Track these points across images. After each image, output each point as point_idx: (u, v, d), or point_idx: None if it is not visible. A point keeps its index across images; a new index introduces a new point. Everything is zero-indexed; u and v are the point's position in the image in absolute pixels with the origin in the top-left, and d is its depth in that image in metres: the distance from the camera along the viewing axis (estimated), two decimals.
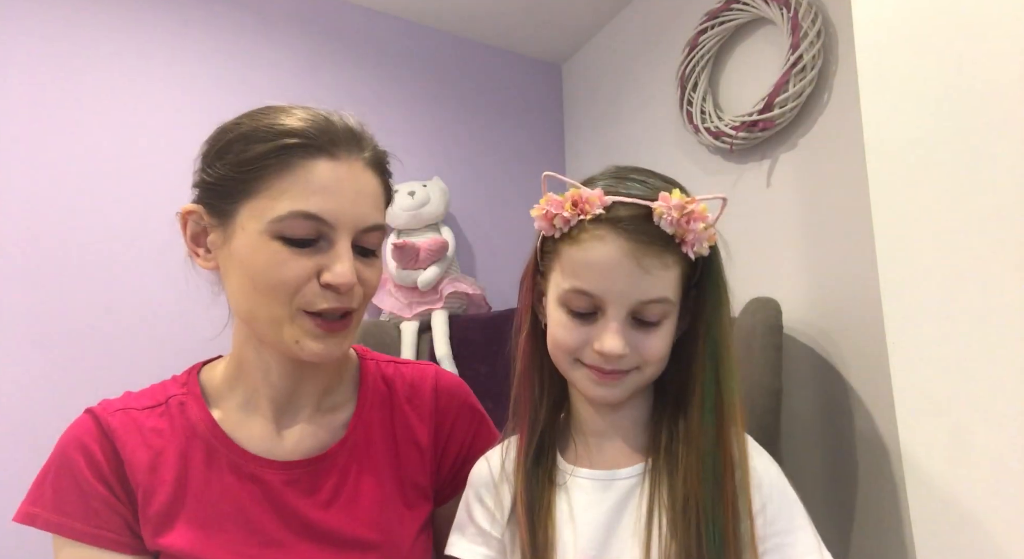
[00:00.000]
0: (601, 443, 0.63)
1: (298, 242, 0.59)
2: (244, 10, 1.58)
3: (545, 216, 0.61)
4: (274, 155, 0.59)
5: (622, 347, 0.56)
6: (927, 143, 0.68)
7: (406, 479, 0.70)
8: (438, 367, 0.79)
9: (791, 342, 1.21)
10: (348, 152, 0.62)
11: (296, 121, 0.61)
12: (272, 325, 0.60)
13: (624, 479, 0.60)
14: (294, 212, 0.58)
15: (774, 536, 0.55)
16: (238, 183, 0.60)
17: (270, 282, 0.59)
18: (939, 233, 0.66)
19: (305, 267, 0.59)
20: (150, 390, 0.68)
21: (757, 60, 1.35)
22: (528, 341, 0.66)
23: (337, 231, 0.60)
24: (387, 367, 0.76)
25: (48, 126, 1.32)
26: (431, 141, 1.80)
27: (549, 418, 0.66)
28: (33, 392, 1.22)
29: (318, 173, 0.60)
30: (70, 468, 0.60)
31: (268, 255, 0.59)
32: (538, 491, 0.61)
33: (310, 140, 0.60)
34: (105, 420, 0.63)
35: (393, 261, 1.52)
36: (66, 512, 0.59)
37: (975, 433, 0.62)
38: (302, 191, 0.59)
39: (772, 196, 1.31)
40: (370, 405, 0.71)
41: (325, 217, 0.59)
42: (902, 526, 1.01)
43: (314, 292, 0.60)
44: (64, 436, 0.63)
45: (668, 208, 0.56)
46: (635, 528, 0.57)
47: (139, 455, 0.62)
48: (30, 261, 1.27)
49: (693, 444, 0.58)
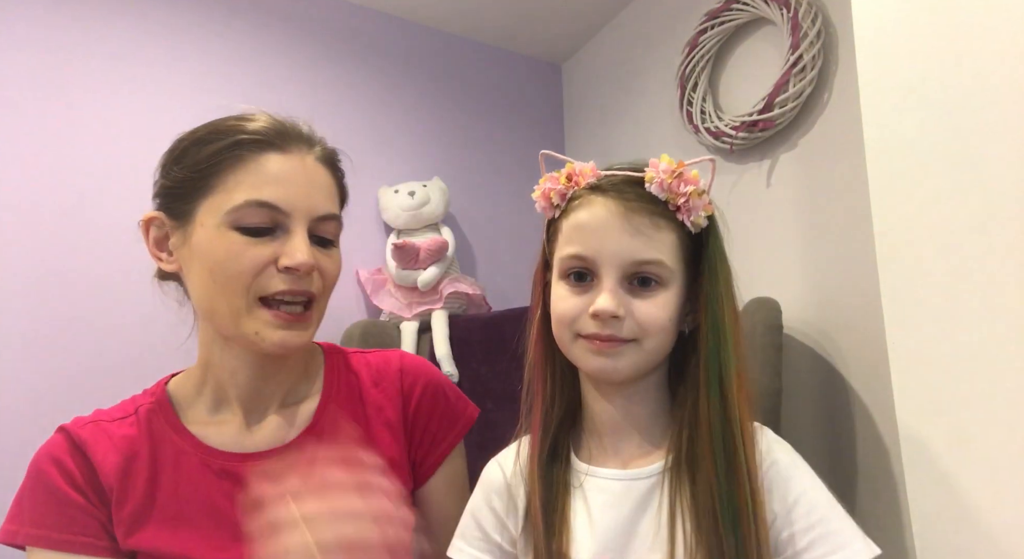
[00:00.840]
0: (617, 441, 0.62)
1: (254, 231, 0.62)
2: (244, 10, 1.58)
3: (543, 194, 0.63)
4: (227, 152, 0.63)
5: (615, 306, 0.56)
6: (927, 143, 0.68)
7: (382, 459, 0.70)
8: (403, 351, 0.82)
9: (791, 342, 1.21)
10: (298, 147, 0.66)
11: (246, 123, 0.65)
12: (232, 318, 0.62)
13: (644, 479, 0.59)
14: (249, 201, 0.61)
15: (818, 525, 0.54)
16: (195, 182, 0.63)
17: (228, 272, 0.61)
18: (939, 233, 0.66)
19: (262, 254, 0.61)
20: (120, 405, 0.71)
21: (757, 60, 1.35)
22: (539, 335, 0.66)
23: (292, 218, 0.63)
24: (353, 357, 0.78)
25: (48, 126, 1.32)
26: (431, 141, 1.80)
27: (563, 417, 0.65)
28: (33, 392, 1.22)
29: (270, 165, 0.63)
30: (44, 482, 0.62)
31: (226, 245, 0.61)
32: (553, 492, 0.60)
33: (260, 136, 0.64)
34: (76, 433, 0.65)
35: (393, 261, 1.52)
36: (43, 524, 0.61)
37: (975, 433, 0.62)
38: (255, 181, 0.62)
39: (772, 196, 1.31)
40: (336, 393, 0.73)
41: (279, 205, 0.62)
42: (902, 526, 1.01)
43: (271, 276, 0.62)
44: (37, 455, 0.65)
45: (658, 172, 0.57)
46: (657, 530, 0.56)
47: (110, 460, 0.64)
48: (30, 261, 1.26)
49: (706, 436, 0.57)
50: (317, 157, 0.67)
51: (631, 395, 0.62)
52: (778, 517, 0.55)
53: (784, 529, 0.54)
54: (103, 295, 1.32)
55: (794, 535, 0.54)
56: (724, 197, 1.42)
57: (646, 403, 0.62)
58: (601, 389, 0.63)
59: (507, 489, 0.65)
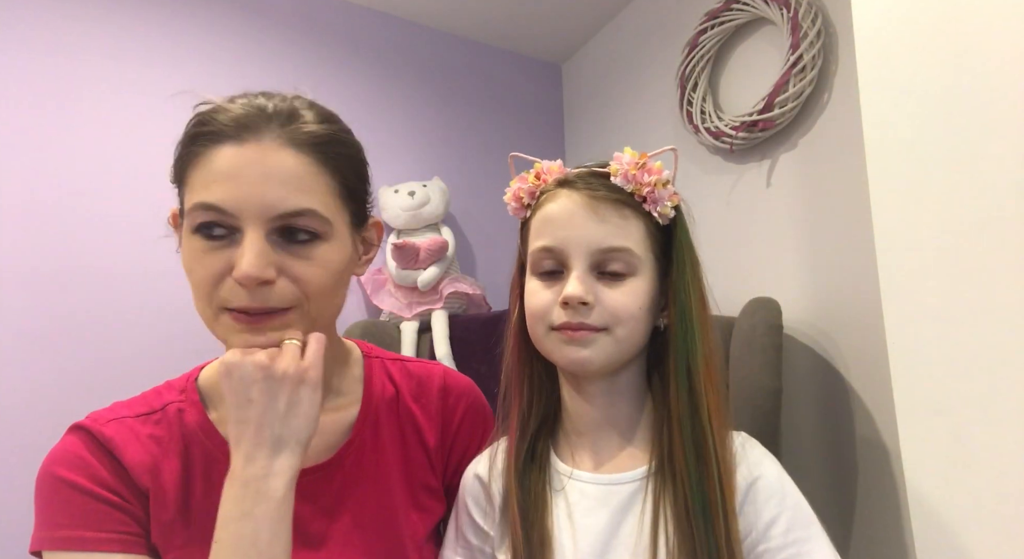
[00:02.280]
0: (597, 441, 0.62)
1: (208, 236, 0.55)
2: (244, 10, 1.58)
3: (514, 195, 0.64)
4: (186, 147, 0.57)
5: (583, 291, 0.56)
6: (927, 143, 0.68)
7: (416, 481, 0.68)
8: (446, 366, 0.77)
9: (791, 342, 1.21)
10: (258, 134, 0.55)
11: (215, 112, 0.57)
12: (209, 323, 0.58)
13: (627, 483, 0.59)
14: (196, 204, 0.55)
15: (791, 546, 0.54)
16: (177, 182, 0.59)
17: (193, 279, 0.57)
18: (939, 233, 0.66)
19: (217, 263, 0.55)
20: (141, 398, 0.65)
21: (757, 60, 1.35)
22: (516, 338, 0.66)
23: (242, 220, 0.54)
24: (393, 365, 0.74)
25: (48, 126, 1.32)
26: (431, 141, 1.80)
27: (541, 421, 0.65)
28: (33, 392, 1.22)
29: (219, 160, 0.55)
30: (68, 485, 0.57)
31: (189, 251, 0.57)
32: (532, 495, 0.60)
33: (216, 127, 0.56)
34: (99, 431, 0.59)
35: (393, 261, 1.52)
36: (73, 525, 0.56)
37: (975, 433, 0.62)
38: (203, 181, 0.55)
39: (772, 196, 1.31)
40: (376, 405, 0.69)
41: (223, 206, 0.54)
42: (902, 526, 1.01)
43: (228, 289, 0.55)
44: (50, 459, 0.59)
45: (622, 164, 0.58)
46: (638, 536, 0.56)
47: (141, 460, 0.59)
48: (31, 261, 1.27)
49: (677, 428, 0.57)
50: (290, 140, 0.56)
51: (609, 392, 0.62)
52: (756, 530, 0.55)
53: (760, 543, 0.54)
54: (103, 293, 1.32)
55: (767, 552, 0.54)
56: (724, 197, 1.42)
57: (624, 402, 0.62)
58: (579, 388, 0.63)
59: (484, 494, 0.65)
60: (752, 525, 0.55)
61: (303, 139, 0.57)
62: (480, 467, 0.67)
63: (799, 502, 0.56)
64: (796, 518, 0.55)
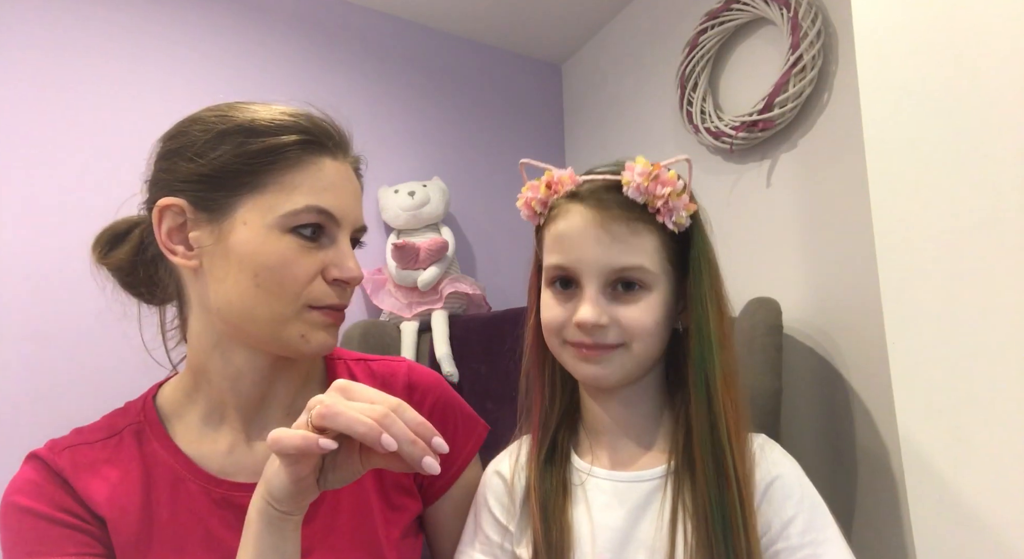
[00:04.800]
0: (615, 441, 0.62)
1: (310, 237, 0.60)
2: (244, 10, 1.58)
3: (525, 203, 0.63)
4: (285, 150, 0.59)
5: (596, 315, 0.56)
6: (927, 143, 0.68)
7: (388, 480, 0.68)
8: (411, 362, 0.77)
9: (791, 342, 1.21)
10: (344, 153, 0.65)
11: (293, 118, 0.61)
12: (273, 323, 0.58)
13: (645, 481, 0.59)
14: (309, 206, 0.59)
15: (808, 546, 0.54)
16: (241, 176, 0.58)
17: (279, 278, 0.58)
18: (939, 233, 0.66)
19: (315, 263, 0.60)
20: (102, 421, 0.66)
21: (757, 60, 1.35)
22: (534, 339, 0.66)
23: (341, 228, 0.62)
24: (356, 365, 0.73)
25: (48, 125, 1.32)
26: (431, 141, 1.80)
27: (561, 418, 0.65)
28: (34, 393, 1.22)
29: (327, 170, 0.61)
30: (27, 512, 0.57)
31: (280, 250, 0.58)
32: (553, 491, 0.60)
33: (316, 138, 0.61)
34: (52, 461, 0.60)
35: (393, 261, 1.52)
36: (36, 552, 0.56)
37: (975, 433, 0.62)
38: (314, 186, 0.60)
39: (772, 196, 1.31)
40: None
41: (335, 213, 0.61)
42: (902, 526, 1.01)
43: (322, 289, 0.60)
44: (9, 489, 0.59)
45: (634, 175, 0.56)
46: (657, 534, 0.56)
47: (95, 488, 0.59)
48: (31, 262, 1.26)
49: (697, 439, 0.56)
50: (353, 166, 0.67)
51: (627, 398, 0.62)
52: (772, 529, 0.55)
53: (777, 542, 0.54)
54: (103, 293, 1.32)
55: (783, 551, 0.54)
56: (724, 197, 1.42)
57: (642, 405, 0.62)
58: (596, 395, 0.63)
59: (506, 490, 0.65)
60: (769, 524, 0.55)
61: (356, 168, 0.69)
62: (502, 465, 0.67)
63: (817, 503, 0.57)
64: (813, 518, 0.55)
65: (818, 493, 0.57)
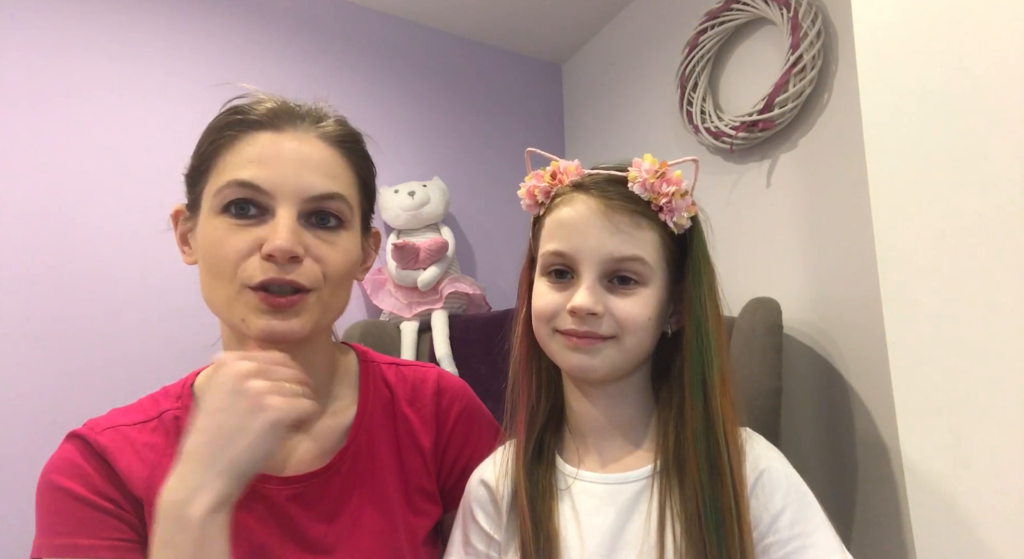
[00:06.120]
0: (600, 442, 0.62)
1: (239, 214, 0.58)
2: (244, 10, 1.58)
3: (528, 192, 0.63)
4: (220, 133, 0.60)
5: (593, 303, 0.56)
6: (927, 143, 0.68)
7: (412, 485, 0.68)
8: (440, 369, 0.77)
9: (791, 342, 1.21)
10: (295, 126, 0.61)
11: (252, 105, 0.62)
12: (225, 306, 0.59)
13: (631, 482, 0.59)
14: (230, 181, 0.58)
15: (797, 538, 0.54)
16: (198, 169, 0.61)
17: (216, 258, 0.58)
18: (939, 233, 0.66)
19: (246, 240, 0.57)
20: (138, 404, 0.66)
21: (757, 60, 1.35)
22: (524, 333, 0.65)
23: (276, 200, 0.58)
24: (388, 369, 0.74)
25: (49, 125, 1.32)
26: (431, 141, 1.80)
27: (547, 418, 0.65)
28: (33, 393, 1.22)
29: (258, 144, 0.59)
30: (64, 492, 0.58)
31: (212, 231, 0.58)
32: (540, 491, 0.60)
33: (256, 116, 0.60)
34: (94, 440, 0.60)
35: (393, 261, 1.52)
36: (67, 532, 0.56)
37: (975, 433, 0.62)
38: (239, 161, 0.58)
39: (772, 196, 1.31)
40: (372, 410, 0.69)
41: (260, 184, 0.57)
42: (902, 526, 1.01)
43: (254, 265, 0.57)
44: (48, 467, 0.60)
45: (641, 171, 0.57)
46: (646, 535, 0.56)
47: (135, 470, 0.59)
48: (31, 261, 1.27)
49: (691, 440, 0.56)
50: (321, 135, 0.62)
51: (613, 396, 0.61)
52: (762, 523, 0.55)
53: (766, 536, 0.54)
54: (102, 293, 1.32)
55: (774, 545, 0.54)
56: (724, 197, 1.42)
57: (628, 404, 0.62)
58: (583, 389, 0.62)
59: (491, 499, 0.64)
60: (759, 518, 0.55)
61: (332, 135, 0.63)
62: (486, 472, 0.66)
63: (803, 493, 0.57)
64: (801, 509, 0.55)
65: (803, 481, 0.57)
